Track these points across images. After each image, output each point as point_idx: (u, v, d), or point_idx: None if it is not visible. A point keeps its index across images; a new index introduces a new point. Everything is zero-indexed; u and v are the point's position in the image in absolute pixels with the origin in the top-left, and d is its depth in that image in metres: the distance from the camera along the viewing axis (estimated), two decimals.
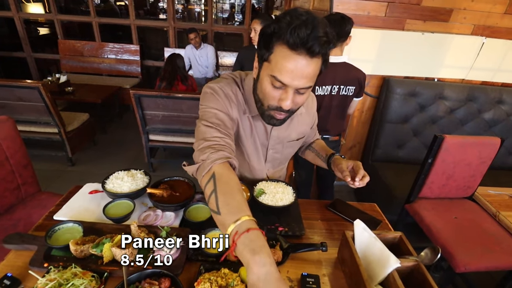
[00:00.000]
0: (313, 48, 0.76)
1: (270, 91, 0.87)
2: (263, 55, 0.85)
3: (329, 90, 1.95)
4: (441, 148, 1.70)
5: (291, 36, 0.76)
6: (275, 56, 0.81)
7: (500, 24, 2.48)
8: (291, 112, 0.94)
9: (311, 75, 0.82)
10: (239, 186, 0.78)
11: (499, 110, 2.62)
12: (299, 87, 0.83)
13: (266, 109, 0.93)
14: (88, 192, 1.15)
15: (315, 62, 0.80)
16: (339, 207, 1.22)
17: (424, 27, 2.48)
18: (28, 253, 0.87)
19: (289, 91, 0.84)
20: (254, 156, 1.16)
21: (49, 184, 2.86)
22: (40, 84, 2.64)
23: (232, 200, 0.72)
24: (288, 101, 0.85)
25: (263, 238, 0.64)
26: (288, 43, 0.77)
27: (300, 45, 0.76)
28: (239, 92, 1.04)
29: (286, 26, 0.77)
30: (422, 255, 0.86)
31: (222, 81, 1.04)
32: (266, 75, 0.86)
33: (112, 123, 4.34)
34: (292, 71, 0.80)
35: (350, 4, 2.41)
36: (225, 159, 0.81)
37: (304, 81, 0.82)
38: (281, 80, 0.82)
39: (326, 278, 0.89)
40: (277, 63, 0.81)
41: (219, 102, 0.97)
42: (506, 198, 1.86)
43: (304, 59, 0.78)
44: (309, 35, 0.75)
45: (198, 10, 10.01)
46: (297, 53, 0.78)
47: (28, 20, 5.17)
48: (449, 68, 2.64)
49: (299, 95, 0.87)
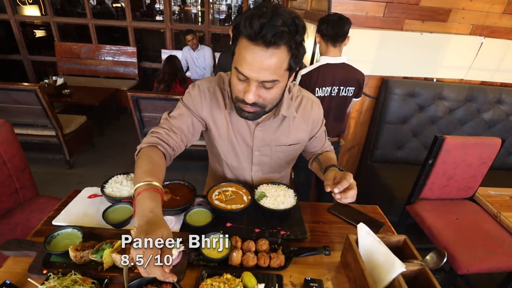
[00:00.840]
0: (268, 38, 0.75)
1: (235, 84, 0.88)
2: (231, 49, 0.88)
3: (329, 91, 1.95)
4: (441, 149, 1.70)
5: (246, 27, 0.76)
6: (238, 48, 0.83)
7: (498, 24, 2.48)
8: (262, 107, 0.92)
9: (272, 68, 0.80)
10: (152, 160, 0.89)
11: (499, 110, 2.63)
12: (261, 80, 0.82)
13: (235, 101, 0.94)
14: (87, 196, 1.13)
15: (277, 53, 0.78)
16: (340, 210, 1.20)
17: (423, 27, 2.48)
18: (27, 260, 0.85)
19: (252, 83, 0.84)
20: (230, 154, 1.16)
21: (46, 188, 2.83)
22: (37, 87, 2.62)
23: (138, 170, 0.84)
24: (251, 93, 0.84)
25: (147, 198, 0.75)
26: (246, 34, 0.78)
27: (255, 35, 0.76)
28: (224, 89, 1.07)
29: (243, 19, 0.77)
30: (428, 259, 0.85)
31: (208, 78, 1.09)
32: (233, 67, 0.87)
33: (110, 125, 4.33)
34: (251, 62, 0.79)
35: (348, 4, 2.40)
36: (151, 144, 0.95)
37: (265, 73, 0.81)
38: (242, 71, 0.82)
39: (329, 283, 0.88)
40: (239, 55, 0.82)
41: (189, 100, 1.05)
42: (507, 199, 1.86)
43: (262, 50, 0.77)
44: (264, 25, 0.74)
45: (195, 12, 10.00)
46: (254, 44, 0.77)
47: (24, 23, 5.15)
48: (448, 68, 2.64)
49: (265, 90, 0.86)
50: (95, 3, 8.22)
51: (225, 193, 1.11)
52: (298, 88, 1.17)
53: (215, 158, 1.24)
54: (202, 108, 1.06)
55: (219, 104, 1.07)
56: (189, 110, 1.06)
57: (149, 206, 0.73)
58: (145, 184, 0.78)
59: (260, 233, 1.01)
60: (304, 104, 1.14)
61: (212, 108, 1.07)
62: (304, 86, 1.91)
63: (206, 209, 1.06)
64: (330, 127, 2.05)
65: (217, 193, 1.11)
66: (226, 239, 0.90)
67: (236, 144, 1.13)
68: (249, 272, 0.84)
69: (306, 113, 1.15)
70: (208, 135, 1.15)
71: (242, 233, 0.99)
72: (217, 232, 0.95)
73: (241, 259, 0.89)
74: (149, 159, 0.90)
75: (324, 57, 1.95)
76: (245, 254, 0.90)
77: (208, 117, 1.08)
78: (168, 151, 0.98)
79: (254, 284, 0.81)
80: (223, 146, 1.14)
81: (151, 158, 0.90)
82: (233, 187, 1.15)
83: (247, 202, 1.07)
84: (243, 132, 1.10)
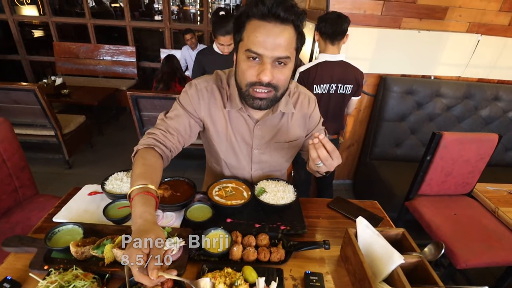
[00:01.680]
0: (281, 14, 0.81)
1: (247, 68, 0.89)
2: (237, 38, 0.91)
3: (327, 88, 1.96)
4: (439, 145, 1.71)
5: (258, 7, 0.81)
6: (247, 32, 0.86)
7: (495, 21, 2.50)
8: (275, 89, 0.92)
9: (285, 43, 0.84)
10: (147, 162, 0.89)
11: (496, 107, 2.64)
12: (275, 56, 0.85)
13: (245, 89, 0.93)
14: (87, 193, 1.14)
15: (287, 30, 0.84)
16: (340, 205, 1.21)
17: (420, 25, 2.49)
18: (28, 256, 0.86)
19: (266, 62, 0.86)
20: (229, 153, 1.16)
21: (46, 187, 2.83)
22: (36, 86, 2.62)
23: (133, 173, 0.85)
24: (267, 71, 0.86)
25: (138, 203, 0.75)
26: (257, 15, 0.83)
27: (268, 13, 0.81)
28: (222, 88, 1.07)
29: (254, 2, 0.82)
30: (426, 251, 0.86)
31: (205, 76, 1.09)
32: (242, 53, 0.89)
33: (109, 125, 4.32)
34: (264, 39, 0.83)
35: (346, 3, 2.41)
36: (148, 145, 0.95)
37: (279, 50, 0.84)
38: (256, 51, 0.84)
39: (329, 276, 0.89)
40: (249, 37, 0.85)
41: (187, 100, 1.05)
42: (505, 194, 1.87)
43: (275, 26, 0.83)
44: (275, 2, 0.80)
45: (194, 11, 9.99)
46: (267, 22, 0.83)
47: (22, 23, 5.14)
48: (446, 66, 2.65)
49: (278, 69, 0.88)
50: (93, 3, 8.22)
51: (225, 189, 1.12)
52: (295, 84, 1.18)
53: (213, 158, 1.24)
54: (200, 108, 1.06)
55: (217, 103, 1.07)
56: (186, 111, 1.05)
57: (139, 211, 0.74)
58: (138, 188, 0.79)
59: (260, 228, 1.02)
60: (301, 100, 1.15)
61: (210, 108, 1.07)
62: (302, 83, 1.92)
63: (207, 205, 1.06)
64: (328, 124, 2.06)
65: (217, 189, 1.12)
66: (226, 239, 0.91)
67: (236, 143, 1.13)
68: (250, 266, 0.84)
69: (303, 109, 1.16)
70: (206, 135, 1.15)
71: (243, 229, 0.99)
72: (217, 228, 0.95)
73: (242, 253, 0.90)
74: (144, 161, 0.90)
75: (322, 54, 1.96)
76: (246, 249, 0.91)
77: (206, 117, 1.08)
78: (165, 152, 0.98)
79: (255, 278, 0.82)
80: (221, 145, 1.14)
81: (146, 160, 0.90)
82: (233, 183, 1.16)
83: (247, 198, 1.08)
84: (242, 130, 1.11)
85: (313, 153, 0.86)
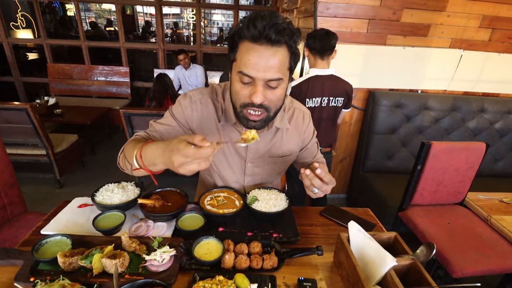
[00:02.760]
0: (273, 36, 0.80)
1: (240, 89, 0.89)
2: (231, 57, 0.90)
3: (319, 101, 2.00)
4: (429, 154, 1.74)
5: (250, 30, 0.81)
6: (240, 53, 0.86)
7: (476, 37, 2.62)
8: (267, 111, 0.92)
9: (277, 65, 0.83)
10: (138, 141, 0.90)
11: (482, 118, 2.71)
12: (267, 79, 0.84)
13: (239, 110, 0.94)
14: (77, 206, 1.12)
15: (280, 51, 0.83)
16: (332, 213, 1.21)
17: (405, 42, 2.59)
18: (14, 269, 0.83)
19: (258, 84, 0.85)
20: (223, 166, 1.16)
21: (36, 207, 2.75)
22: (28, 105, 2.62)
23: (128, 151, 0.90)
24: (258, 93, 0.85)
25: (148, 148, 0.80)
26: (249, 37, 0.82)
27: (259, 35, 0.80)
28: (217, 101, 1.07)
29: (245, 23, 0.82)
30: (418, 253, 0.86)
31: (201, 89, 1.10)
32: (235, 74, 0.89)
33: (102, 144, 4.30)
34: (256, 62, 0.82)
35: (333, 22, 2.51)
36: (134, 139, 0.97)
37: (271, 72, 0.83)
38: (248, 73, 0.84)
39: (323, 282, 0.88)
40: (242, 59, 0.85)
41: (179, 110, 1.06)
42: (496, 202, 1.89)
43: (266, 49, 0.81)
44: (267, 25, 0.79)
45: (187, 34, 10.26)
46: (258, 44, 0.82)
47: (17, 45, 5.20)
48: (431, 80, 2.74)
49: (270, 90, 0.88)
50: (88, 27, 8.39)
51: (217, 198, 1.11)
52: (290, 99, 1.20)
53: (205, 170, 1.24)
54: (192, 119, 1.06)
55: (210, 116, 1.07)
56: (177, 121, 1.06)
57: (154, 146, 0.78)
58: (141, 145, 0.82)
59: (253, 237, 1.01)
60: (296, 115, 1.17)
61: (202, 121, 1.07)
62: (295, 97, 1.95)
63: (198, 214, 1.05)
64: (321, 137, 2.08)
65: (209, 198, 1.11)
66: (218, 247, 0.91)
67: (229, 156, 1.14)
68: (242, 274, 0.83)
69: (298, 124, 1.18)
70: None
71: (235, 237, 0.98)
72: (209, 236, 0.94)
73: (234, 261, 0.89)
74: (135, 142, 0.92)
75: (313, 69, 2.01)
76: (238, 257, 0.89)
77: (197, 129, 1.08)
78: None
79: (247, 285, 0.80)
80: (215, 158, 1.14)
81: (137, 141, 0.92)
82: (225, 193, 1.15)
83: (239, 206, 1.08)
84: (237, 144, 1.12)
85: (306, 182, 0.88)
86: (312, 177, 0.87)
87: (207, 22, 12.04)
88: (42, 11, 5.36)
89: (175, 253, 0.87)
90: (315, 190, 0.90)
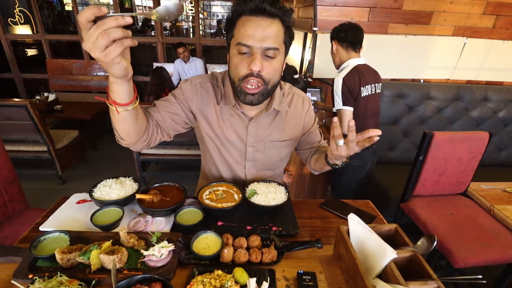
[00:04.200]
0: (267, 7, 0.88)
1: (238, 62, 0.94)
2: (228, 37, 0.97)
3: (370, 89, 1.96)
4: (431, 144, 1.72)
5: (247, 3, 0.89)
6: (237, 28, 0.92)
7: (479, 24, 2.56)
8: (265, 84, 0.96)
9: (273, 35, 0.90)
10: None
11: (486, 107, 2.67)
12: (264, 47, 0.90)
13: (238, 84, 0.97)
14: (76, 202, 1.12)
15: (275, 23, 0.91)
16: (332, 205, 1.20)
17: (407, 30, 2.55)
18: (13, 266, 0.83)
19: (256, 52, 0.90)
20: (223, 150, 1.17)
21: (39, 203, 2.73)
22: (27, 102, 2.61)
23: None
24: (256, 61, 0.90)
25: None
26: (246, 11, 0.90)
27: (255, 8, 0.88)
28: (217, 86, 1.11)
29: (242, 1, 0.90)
30: (419, 245, 0.84)
31: (201, 74, 1.14)
32: (233, 48, 0.94)
33: (103, 139, 4.30)
34: (253, 32, 0.89)
35: (333, 11, 2.47)
36: None
37: (268, 41, 0.89)
38: (246, 43, 0.90)
39: (323, 275, 0.87)
40: (239, 31, 0.91)
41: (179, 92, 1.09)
42: (499, 192, 1.87)
43: (263, 19, 0.89)
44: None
45: (186, 27, 10.16)
46: (255, 15, 0.90)
47: (15, 42, 5.18)
48: (434, 69, 2.70)
49: (267, 61, 0.93)
50: None
51: (216, 192, 1.10)
52: (289, 85, 1.21)
53: (207, 156, 1.24)
54: (192, 101, 1.09)
55: (210, 99, 1.10)
56: (177, 99, 1.08)
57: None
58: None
59: (252, 230, 1.00)
60: (295, 100, 1.18)
61: (202, 103, 1.09)
62: (350, 89, 1.89)
63: (197, 209, 1.05)
64: (368, 124, 2.04)
65: (207, 192, 1.10)
66: (216, 241, 0.90)
67: (229, 139, 1.14)
68: (241, 268, 0.82)
69: (298, 109, 1.18)
70: (200, 131, 1.16)
71: (234, 231, 0.98)
72: (207, 231, 0.94)
73: (233, 255, 0.88)
74: None
75: (352, 59, 1.95)
76: (237, 251, 0.89)
77: (197, 111, 1.10)
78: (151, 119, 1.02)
79: (246, 279, 0.80)
80: (216, 139, 1.14)
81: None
82: (224, 186, 1.14)
83: (238, 200, 1.07)
84: (237, 128, 1.12)
85: (336, 132, 0.89)
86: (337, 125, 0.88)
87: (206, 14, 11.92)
88: (40, 6, 5.33)
89: (174, 248, 0.87)
90: (340, 142, 0.89)
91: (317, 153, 1.21)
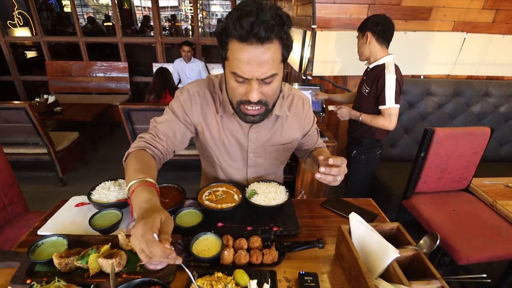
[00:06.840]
0: (261, 34, 0.75)
1: (235, 88, 0.87)
2: (222, 55, 0.86)
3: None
4: (432, 141, 1.70)
5: (236, 29, 0.76)
6: (231, 53, 0.82)
7: (479, 19, 2.54)
8: (266, 105, 0.91)
9: (270, 63, 0.80)
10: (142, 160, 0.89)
11: (487, 102, 2.66)
12: (261, 78, 0.82)
13: (236, 106, 0.93)
14: (74, 205, 1.11)
15: (271, 48, 0.79)
16: (333, 204, 1.19)
17: (406, 26, 2.52)
18: (10, 271, 0.82)
19: (253, 83, 0.83)
20: (224, 157, 1.14)
21: (40, 206, 2.74)
22: (27, 104, 2.60)
23: (129, 170, 0.85)
24: (254, 92, 0.84)
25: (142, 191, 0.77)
26: (236, 36, 0.77)
27: (247, 35, 0.75)
28: (214, 92, 1.06)
29: (231, 21, 0.76)
30: (421, 243, 0.83)
31: (198, 81, 1.08)
32: (228, 73, 0.87)
33: (104, 140, 4.29)
34: (248, 63, 0.79)
35: (332, 8, 2.45)
36: (139, 147, 0.95)
37: (263, 70, 0.81)
38: (241, 75, 0.82)
39: (325, 276, 0.86)
40: (233, 59, 0.81)
41: (178, 105, 1.04)
42: (502, 187, 1.86)
43: (257, 48, 0.77)
44: (254, 23, 0.74)
45: (185, 27, 10.15)
46: (247, 44, 0.77)
47: (15, 44, 5.17)
48: (434, 65, 2.68)
49: (266, 86, 0.86)
50: (86, 22, 8.32)
51: (216, 193, 1.09)
52: (288, 87, 1.17)
53: (208, 163, 1.22)
54: (192, 113, 1.05)
55: (210, 108, 1.06)
56: (176, 116, 1.04)
57: (145, 197, 0.74)
58: (138, 181, 0.79)
59: (253, 231, 0.99)
60: (296, 102, 1.15)
61: (203, 113, 1.06)
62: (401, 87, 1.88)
63: (197, 210, 1.04)
64: None
65: (207, 193, 1.09)
66: (216, 243, 0.89)
67: (230, 147, 1.11)
68: (241, 270, 0.81)
69: (298, 111, 1.15)
70: (200, 140, 1.13)
71: (234, 232, 0.97)
72: (207, 232, 0.93)
73: (233, 257, 0.87)
74: (139, 159, 0.89)
75: (390, 56, 1.91)
76: (237, 252, 0.88)
77: (199, 122, 1.06)
78: (156, 154, 0.97)
79: (247, 281, 0.79)
80: (216, 150, 1.12)
81: (141, 159, 0.90)
82: (224, 187, 1.13)
83: (238, 200, 1.06)
84: (237, 135, 1.09)
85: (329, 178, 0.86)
86: (328, 170, 0.83)
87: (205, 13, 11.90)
88: (39, 8, 5.31)
89: (173, 250, 0.86)
90: (339, 178, 0.87)
91: (311, 157, 1.18)
